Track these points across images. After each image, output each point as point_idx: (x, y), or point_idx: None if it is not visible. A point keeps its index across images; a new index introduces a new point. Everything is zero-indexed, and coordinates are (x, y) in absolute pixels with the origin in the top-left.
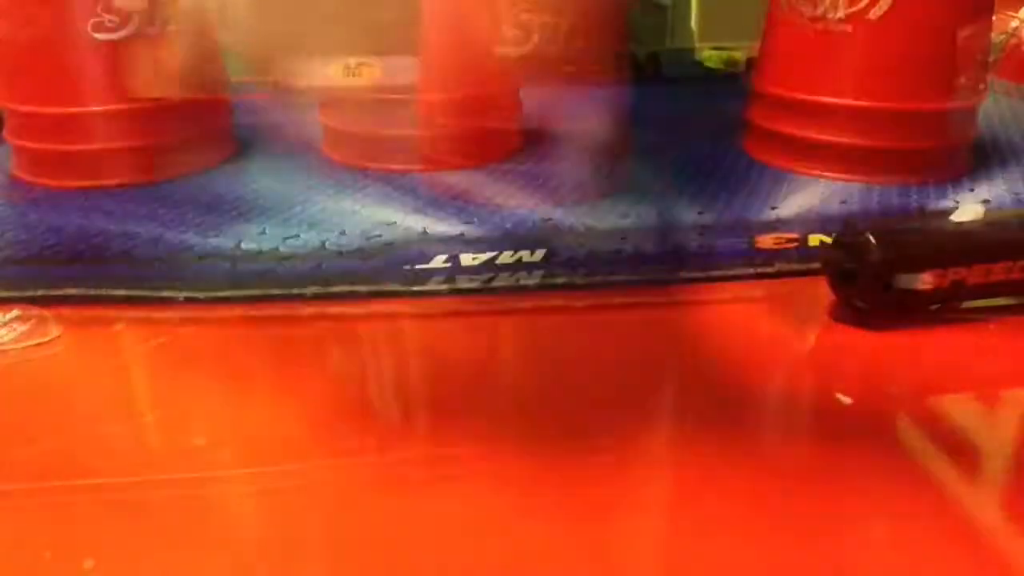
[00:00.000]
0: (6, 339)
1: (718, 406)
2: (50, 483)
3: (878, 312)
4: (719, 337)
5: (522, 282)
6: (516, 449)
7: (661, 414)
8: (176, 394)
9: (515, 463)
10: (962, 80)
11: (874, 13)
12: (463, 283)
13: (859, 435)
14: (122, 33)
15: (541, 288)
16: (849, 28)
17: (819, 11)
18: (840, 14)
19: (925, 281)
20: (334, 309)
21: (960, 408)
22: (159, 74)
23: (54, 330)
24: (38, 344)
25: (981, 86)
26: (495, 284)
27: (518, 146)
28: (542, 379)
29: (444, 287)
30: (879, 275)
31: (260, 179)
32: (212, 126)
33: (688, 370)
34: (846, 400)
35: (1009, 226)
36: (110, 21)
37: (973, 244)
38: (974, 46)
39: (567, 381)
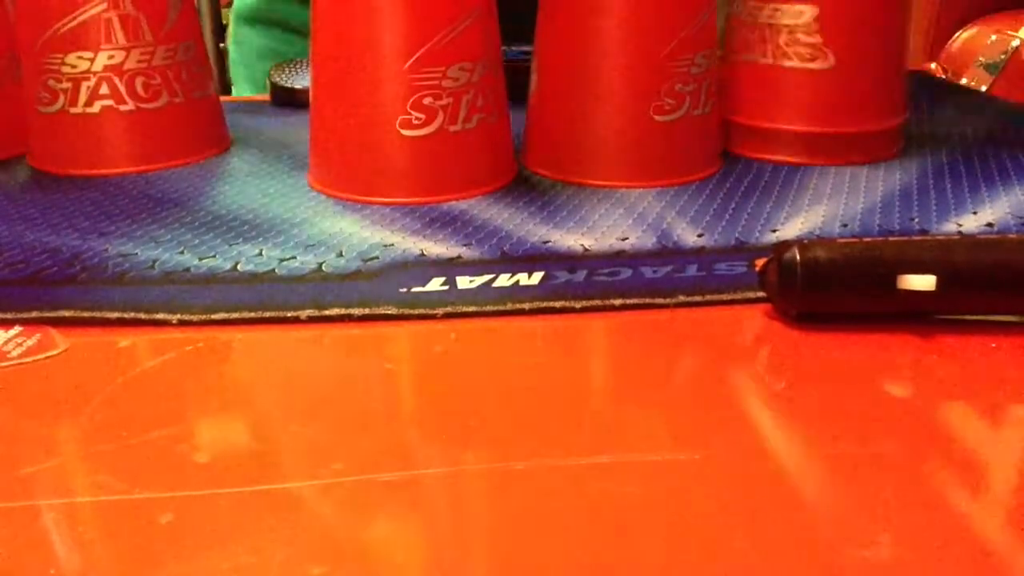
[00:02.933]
0: (14, 353)
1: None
2: (72, 499)
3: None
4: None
5: (518, 305)
6: None
7: None
8: (193, 409)
9: None
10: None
11: (818, 65)
12: (459, 306)
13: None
14: None
15: (537, 312)
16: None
17: (771, 61)
18: (794, 63)
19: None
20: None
21: None
22: None
23: (61, 343)
24: (47, 357)
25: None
26: (491, 308)
27: None
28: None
29: (440, 310)
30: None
31: (257, 200)
32: None
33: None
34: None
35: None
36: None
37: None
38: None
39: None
